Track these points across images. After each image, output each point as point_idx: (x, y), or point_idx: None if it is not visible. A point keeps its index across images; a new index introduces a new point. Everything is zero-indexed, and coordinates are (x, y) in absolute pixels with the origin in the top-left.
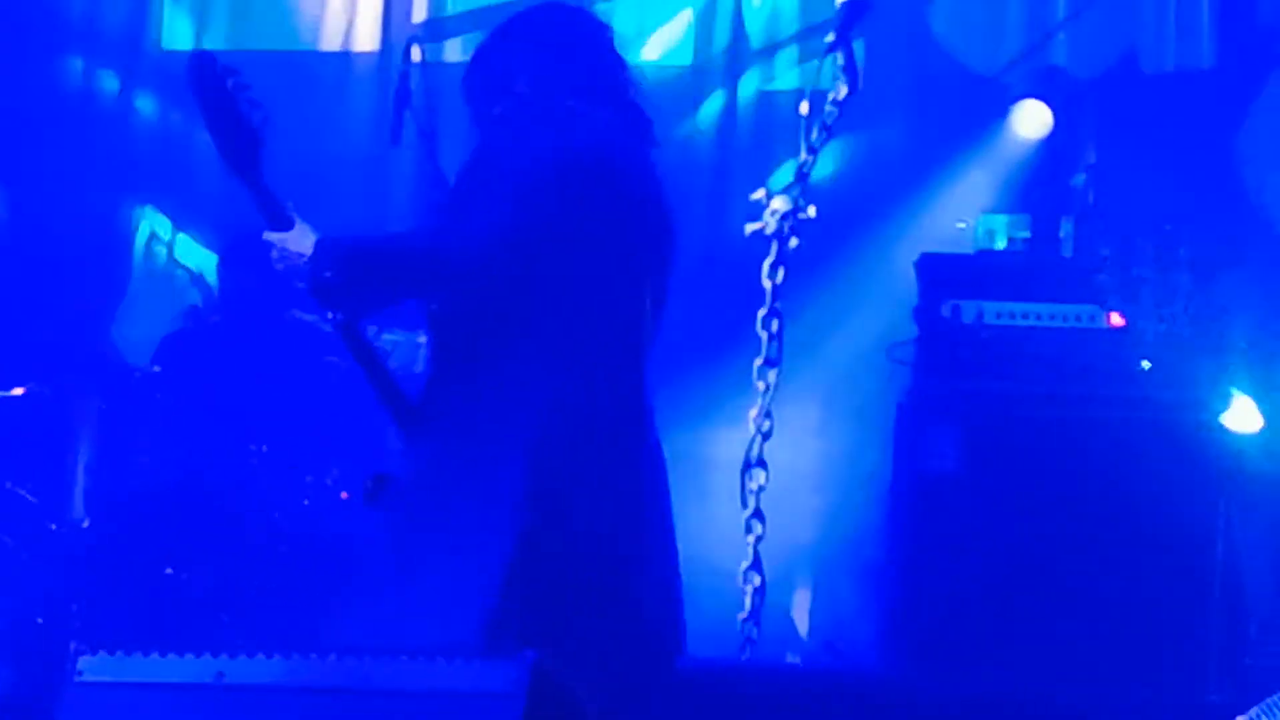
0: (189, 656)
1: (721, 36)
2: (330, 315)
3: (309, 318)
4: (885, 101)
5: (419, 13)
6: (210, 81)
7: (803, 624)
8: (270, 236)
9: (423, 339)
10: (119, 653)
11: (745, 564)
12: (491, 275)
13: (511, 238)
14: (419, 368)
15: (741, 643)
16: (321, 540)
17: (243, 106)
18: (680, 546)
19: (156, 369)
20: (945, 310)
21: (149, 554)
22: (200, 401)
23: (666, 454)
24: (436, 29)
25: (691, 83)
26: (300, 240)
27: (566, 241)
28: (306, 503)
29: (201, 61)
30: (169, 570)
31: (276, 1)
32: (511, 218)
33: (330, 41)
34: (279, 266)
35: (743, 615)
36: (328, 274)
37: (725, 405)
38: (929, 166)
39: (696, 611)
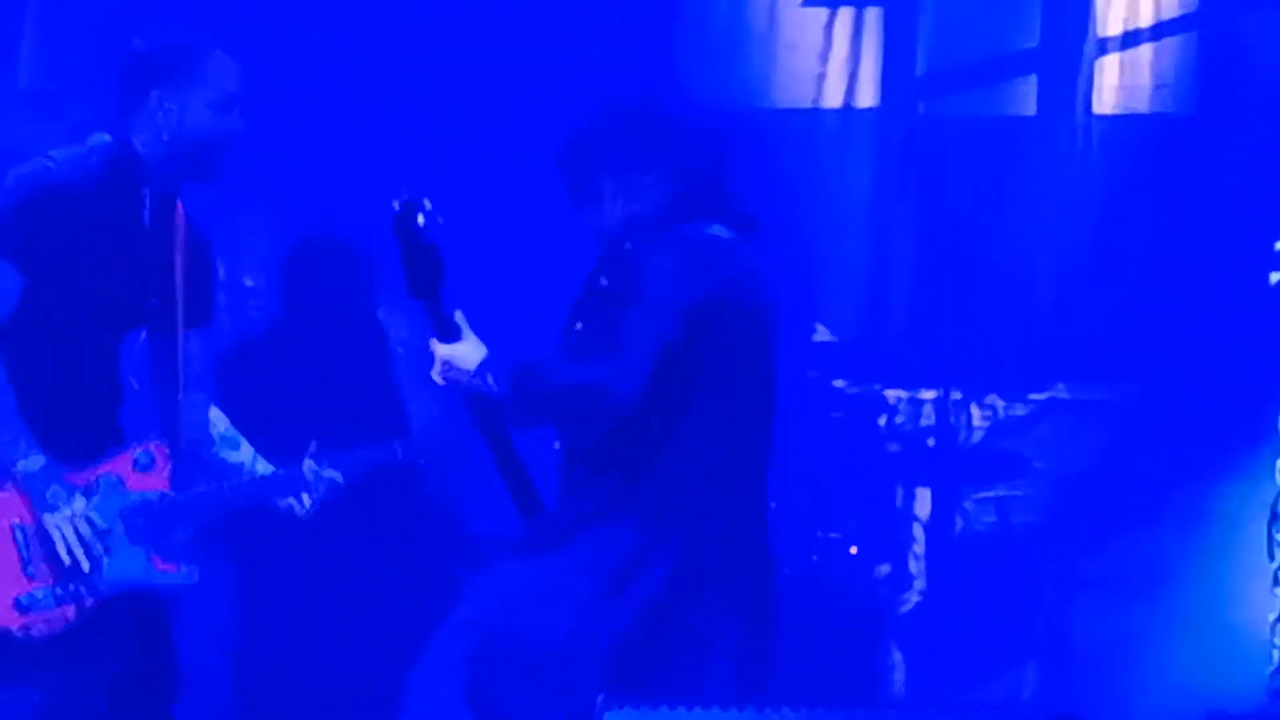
0: (715, 709)
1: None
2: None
3: None
4: None
5: (920, 67)
6: (405, 216)
7: None
8: (438, 348)
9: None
10: (644, 706)
11: (1273, 616)
12: (647, 412)
13: (666, 377)
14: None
15: (1271, 693)
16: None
17: (429, 236)
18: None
19: None
20: None
21: None
22: None
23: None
24: (938, 83)
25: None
26: (468, 355)
27: (707, 373)
28: (815, 558)
29: (406, 203)
30: None
31: (779, 60)
32: (665, 359)
33: (831, 98)
34: (442, 378)
35: (1271, 668)
36: (493, 387)
37: (1242, 459)
38: None
39: (1221, 665)
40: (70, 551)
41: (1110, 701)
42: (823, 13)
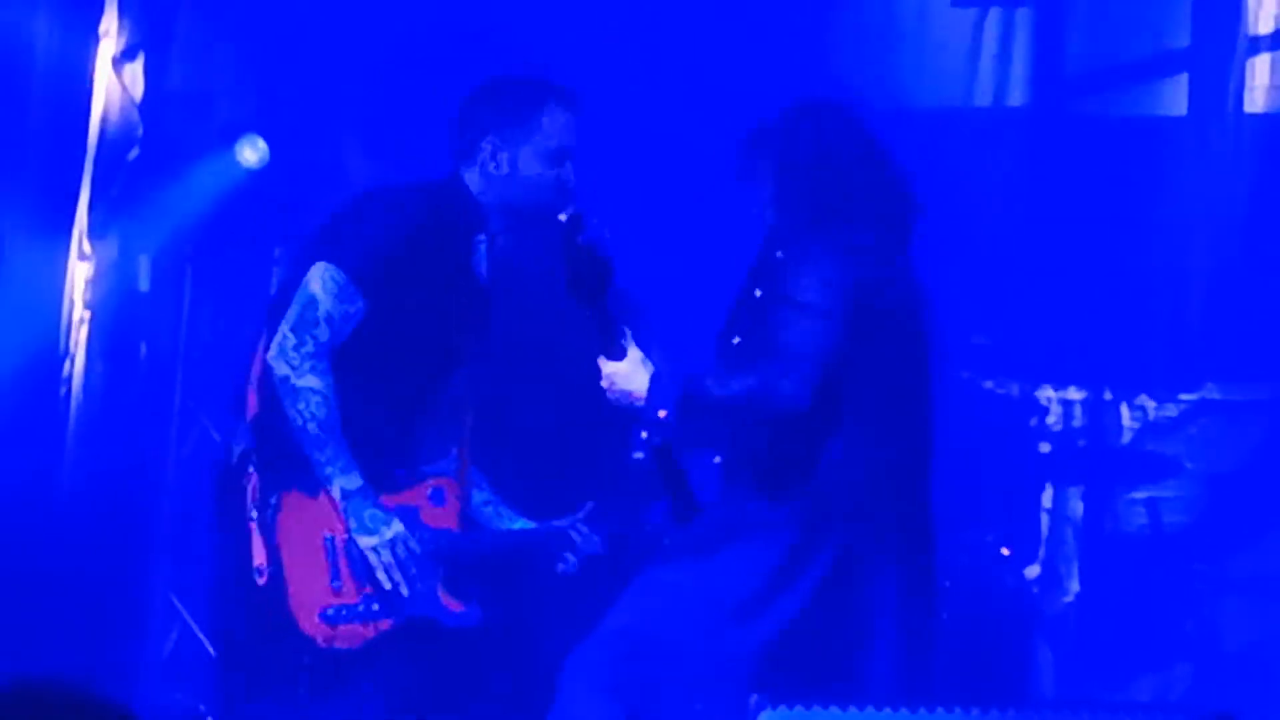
0: (869, 710)
1: None
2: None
3: None
4: None
5: (1070, 67)
6: (572, 226)
7: None
8: (604, 365)
9: None
10: (799, 706)
11: None
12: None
13: (824, 383)
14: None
15: None
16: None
17: (596, 246)
18: None
19: None
20: None
21: None
22: None
23: None
24: (1089, 83)
25: None
26: (632, 375)
27: (863, 378)
28: (967, 559)
29: (573, 214)
30: None
31: (929, 59)
32: (825, 364)
33: (981, 98)
34: (611, 393)
35: None
36: (661, 414)
37: None
38: None
39: None
40: (388, 574)
41: (1262, 702)
42: (972, 12)
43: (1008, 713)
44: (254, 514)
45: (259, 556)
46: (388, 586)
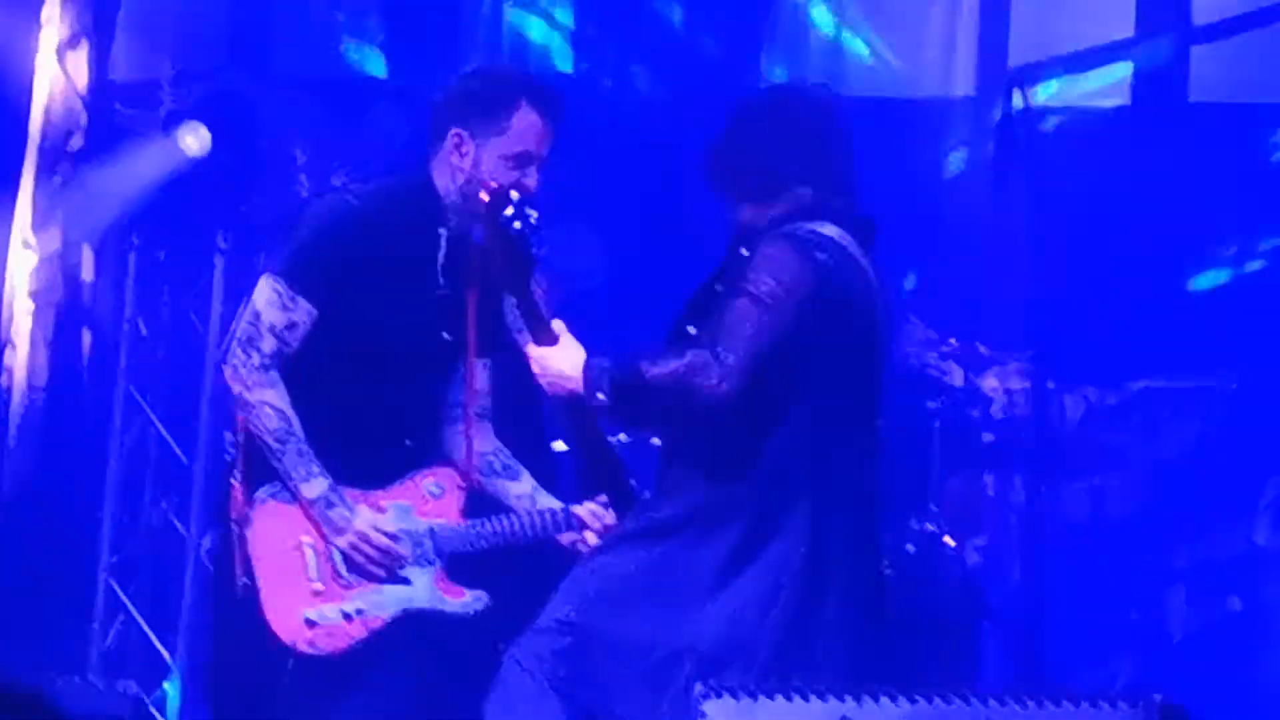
0: (813, 699)
1: None
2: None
3: None
4: None
5: (1015, 56)
6: (494, 206)
7: None
8: (533, 351)
9: None
10: (743, 696)
11: None
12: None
13: (771, 372)
14: None
15: None
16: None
17: (517, 227)
18: None
19: None
20: None
21: None
22: None
23: None
24: (1033, 72)
25: None
26: (565, 358)
27: (812, 368)
28: (911, 548)
29: (496, 193)
30: None
31: (875, 49)
32: (769, 352)
33: (925, 87)
34: (543, 380)
35: None
36: (598, 398)
37: None
38: None
39: None
40: (365, 566)
41: (1206, 691)
42: (919, 2)
43: (951, 702)
44: (234, 526)
45: (239, 569)
46: (380, 575)
